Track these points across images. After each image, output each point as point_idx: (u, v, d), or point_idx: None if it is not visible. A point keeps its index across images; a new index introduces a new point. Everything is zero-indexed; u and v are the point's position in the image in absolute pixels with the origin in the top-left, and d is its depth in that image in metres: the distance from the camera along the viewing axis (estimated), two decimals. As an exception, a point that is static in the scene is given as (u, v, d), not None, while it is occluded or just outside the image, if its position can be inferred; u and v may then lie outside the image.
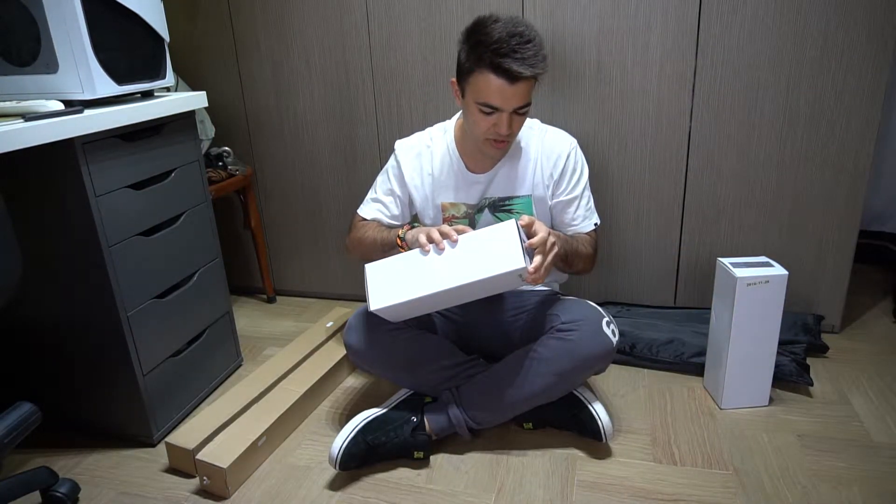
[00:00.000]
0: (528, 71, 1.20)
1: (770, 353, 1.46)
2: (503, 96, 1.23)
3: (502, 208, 1.43)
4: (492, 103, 1.24)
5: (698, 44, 1.66)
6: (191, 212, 1.59)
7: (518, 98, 1.24)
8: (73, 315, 1.41)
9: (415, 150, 1.45)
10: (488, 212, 1.44)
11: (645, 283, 1.93)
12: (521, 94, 1.24)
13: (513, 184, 1.42)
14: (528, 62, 1.20)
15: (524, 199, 1.41)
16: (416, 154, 1.45)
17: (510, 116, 1.26)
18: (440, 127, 1.48)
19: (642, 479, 1.31)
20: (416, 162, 1.45)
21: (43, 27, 1.27)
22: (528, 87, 1.25)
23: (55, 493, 1.28)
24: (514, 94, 1.23)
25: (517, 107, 1.25)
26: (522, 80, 1.21)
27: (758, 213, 1.77)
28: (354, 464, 1.34)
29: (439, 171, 1.43)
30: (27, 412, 1.13)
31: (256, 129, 2.13)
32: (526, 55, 1.19)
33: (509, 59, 1.19)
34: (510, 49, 1.19)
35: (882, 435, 1.40)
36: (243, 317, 2.19)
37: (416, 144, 1.46)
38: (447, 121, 1.49)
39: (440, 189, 1.45)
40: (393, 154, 1.48)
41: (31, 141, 1.14)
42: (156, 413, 1.50)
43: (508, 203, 1.42)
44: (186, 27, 2.06)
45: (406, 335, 1.39)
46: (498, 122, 1.26)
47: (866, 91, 1.59)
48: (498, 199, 1.43)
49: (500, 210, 1.43)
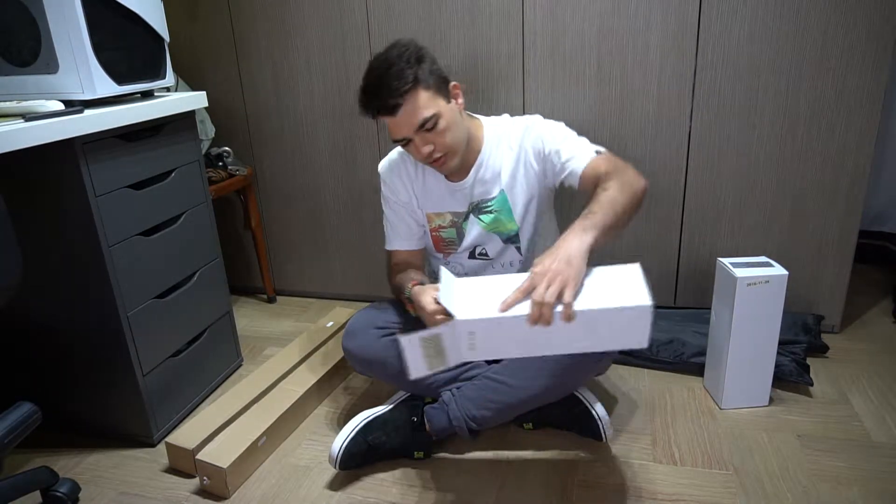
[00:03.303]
0: (394, 100, 1.18)
1: (770, 353, 1.46)
2: (397, 127, 1.23)
3: (483, 210, 1.41)
4: (395, 137, 1.26)
5: (698, 44, 1.66)
6: (191, 212, 1.59)
7: (410, 121, 1.21)
8: (73, 315, 1.41)
9: (395, 168, 1.44)
10: (472, 216, 1.42)
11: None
12: (410, 116, 1.21)
13: (490, 184, 1.39)
14: (393, 89, 1.18)
15: (499, 197, 1.39)
16: (396, 172, 1.43)
17: (422, 138, 1.24)
18: None
19: (642, 479, 1.31)
20: (397, 179, 1.43)
21: (43, 27, 1.27)
22: (413, 106, 1.20)
23: (55, 492, 1.28)
24: (403, 120, 1.21)
25: (418, 127, 1.22)
26: (399, 106, 1.19)
27: (758, 213, 1.77)
28: (355, 463, 1.34)
29: (422, 181, 1.42)
30: (27, 412, 1.14)
31: (256, 129, 2.13)
32: (389, 84, 1.18)
33: (375, 98, 1.20)
34: (373, 88, 1.21)
35: (882, 435, 1.40)
36: (243, 317, 2.19)
37: (395, 160, 1.44)
38: None
39: (424, 200, 1.43)
40: (380, 176, 1.46)
41: (31, 141, 1.14)
42: (156, 413, 1.50)
43: (487, 204, 1.40)
44: (186, 27, 2.06)
45: None
46: (417, 149, 1.26)
47: (866, 91, 1.59)
48: (479, 202, 1.41)
49: (481, 213, 1.41)
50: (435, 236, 1.46)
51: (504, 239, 1.43)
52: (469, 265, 1.49)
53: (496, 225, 1.41)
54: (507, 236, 1.43)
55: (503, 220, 1.41)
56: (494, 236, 1.43)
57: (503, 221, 1.41)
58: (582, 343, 1.02)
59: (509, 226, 1.41)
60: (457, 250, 1.46)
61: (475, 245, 1.45)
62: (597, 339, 1.01)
